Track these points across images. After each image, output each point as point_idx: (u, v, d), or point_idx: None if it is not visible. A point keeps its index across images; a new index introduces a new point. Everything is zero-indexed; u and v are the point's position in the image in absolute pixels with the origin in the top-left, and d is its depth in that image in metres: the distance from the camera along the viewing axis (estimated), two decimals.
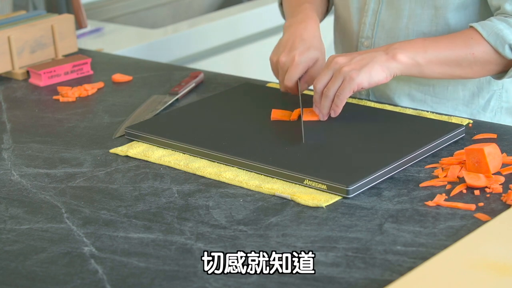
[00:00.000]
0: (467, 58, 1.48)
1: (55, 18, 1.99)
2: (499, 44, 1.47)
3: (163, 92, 1.76)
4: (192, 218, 1.24)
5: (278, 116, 1.53)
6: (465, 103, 1.65)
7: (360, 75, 1.43)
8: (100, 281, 1.10)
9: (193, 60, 2.44)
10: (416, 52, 1.47)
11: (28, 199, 1.33)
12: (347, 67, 1.44)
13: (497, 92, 1.65)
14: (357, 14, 1.67)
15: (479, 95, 1.65)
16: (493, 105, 1.66)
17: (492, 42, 1.47)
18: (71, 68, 1.89)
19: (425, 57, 1.47)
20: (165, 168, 1.41)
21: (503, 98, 1.66)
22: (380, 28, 1.64)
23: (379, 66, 1.44)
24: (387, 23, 1.63)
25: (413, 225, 1.19)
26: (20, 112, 1.71)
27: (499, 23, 1.48)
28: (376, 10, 1.63)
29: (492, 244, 1.11)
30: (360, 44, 1.67)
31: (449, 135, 1.44)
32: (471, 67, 1.49)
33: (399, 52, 1.46)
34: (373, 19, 1.64)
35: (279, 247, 1.15)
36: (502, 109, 1.66)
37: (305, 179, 1.31)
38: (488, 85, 1.64)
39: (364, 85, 1.44)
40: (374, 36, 1.65)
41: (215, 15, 2.61)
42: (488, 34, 1.47)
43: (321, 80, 1.47)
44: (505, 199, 1.24)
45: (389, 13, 1.62)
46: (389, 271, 1.09)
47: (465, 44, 1.48)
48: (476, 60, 1.48)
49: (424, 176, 1.34)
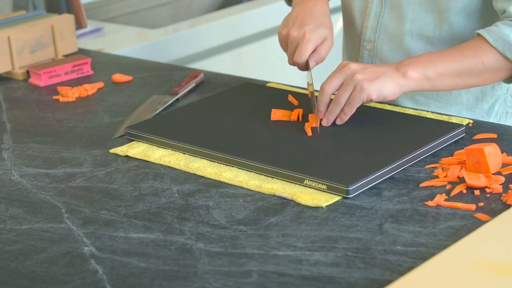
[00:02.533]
0: (477, 68, 1.47)
1: (55, 18, 1.99)
2: (507, 49, 1.46)
3: (163, 92, 1.76)
4: (192, 218, 1.24)
5: (278, 116, 1.53)
6: (469, 108, 1.64)
7: (371, 86, 1.42)
8: (100, 281, 1.10)
9: (193, 60, 2.44)
10: (426, 66, 1.45)
11: (28, 199, 1.33)
12: (360, 75, 1.42)
13: (501, 97, 1.65)
14: (360, 17, 1.66)
15: (483, 99, 1.64)
16: (497, 110, 1.65)
17: (500, 48, 1.46)
18: (71, 68, 1.89)
19: (435, 70, 1.45)
20: (165, 168, 1.41)
21: (508, 103, 1.65)
22: (383, 32, 1.63)
23: (391, 82, 1.43)
24: (390, 26, 1.62)
25: (413, 225, 1.19)
26: (20, 112, 1.71)
27: (505, 28, 1.47)
28: (379, 14, 1.62)
29: (492, 244, 1.11)
30: (363, 48, 1.67)
31: (449, 135, 1.44)
32: (482, 75, 1.48)
33: (410, 68, 1.44)
34: (376, 23, 1.63)
35: (279, 247, 1.15)
36: (508, 114, 1.66)
37: (305, 179, 1.31)
38: (492, 90, 1.64)
39: (373, 97, 1.42)
40: (377, 40, 1.64)
41: (215, 15, 2.61)
42: (495, 41, 1.46)
43: (331, 83, 1.45)
44: (505, 199, 1.24)
45: (391, 17, 1.61)
46: (389, 271, 1.09)
47: (474, 54, 1.47)
48: (487, 69, 1.47)
49: (424, 176, 1.34)
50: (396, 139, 1.42)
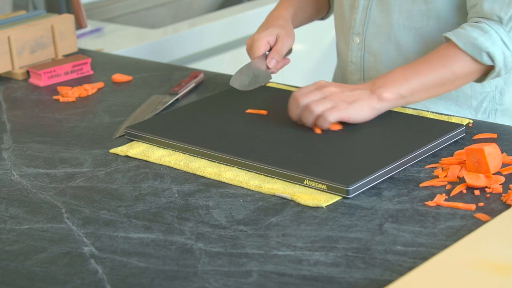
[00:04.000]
0: (448, 78, 1.49)
1: (55, 18, 1.99)
2: (476, 53, 1.48)
3: (163, 92, 1.76)
4: (192, 218, 1.24)
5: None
6: (458, 104, 1.65)
7: (349, 109, 1.44)
8: (100, 281, 1.10)
9: (193, 60, 2.44)
10: (400, 85, 1.47)
11: (28, 199, 1.33)
12: (339, 96, 1.45)
13: (490, 94, 1.65)
14: (349, 10, 1.67)
15: (471, 96, 1.65)
16: (486, 107, 1.65)
17: (470, 52, 1.48)
18: (71, 68, 1.89)
19: (408, 88, 1.48)
20: (165, 168, 1.41)
21: (497, 100, 1.66)
22: (371, 25, 1.64)
23: (367, 106, 1.46)
24: (378, 19, 1.63)
25: (413, 225, 1.19)
26: (20, 112, 1.71)
27: (472, 30, 1.49)
28: (367, 6, 1.64)
29: (492, 244, 1.11)
30: (352, 41, 1.68)
31: (449, 135, 1.44)
32: (453, 83, 1.51)
33: (384, 91, 1.47)
34: (364, 16, 1.65)
35: (279, 247, 1.15)
36: (497, 112, 1.66)
37: (305, 179, 1.31)
38: (481, 87, 1.64)
39: (348, 118, 1.45)
40: (365, 33, 1.65)
41: (215, 15, 2.61)
42: (464, 44, 1.48)
43: (307, 97, 1.46)
44: (505, 199, 1.24)
45: (379, 9, 1.63)
46: (389, 271, 1.09)
47: (443, 64, 1.49)
48: (458, 77, 1.50)
49: (424, 176, 1.34)
50: (396, 139, 1.43)
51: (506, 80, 1.65)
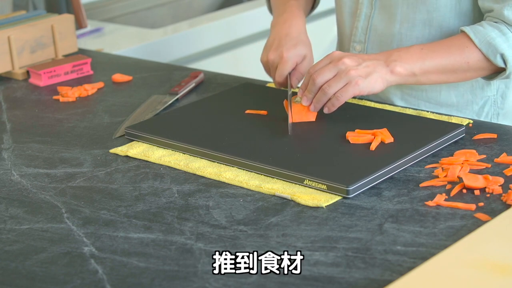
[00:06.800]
0: (462, 67, 1.50)
1: (55, 18, 1.99)
2: (491, 53, 1.48)
3: (163, 92, 1.76)
4: (192, 218, 1.24)
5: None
6: (459, 109, 1.65)
7: (364, 82, 1.44)
8: (100, 281, 1.10)
9: (193, 60, 2.44)
10: (414, 63, 1.48)
11: (28, 199, 1.33)
12: (354, 71, 1.44)
13: (491, 98, 1.65)
14: (349, 18, 1.67)
15: (472, 101, 1.64)
16: (488, 111, 1.65)
17: (484, 51, 1.48)
18: (71, 68, 1.89)
19: (422, 68, 1.48)
20: (165, 168, 1.41)
21: (499, 104, 1.65)
22: (373, 33, 1.64)
23: (380, 78, 1.46)
24: (380, 27, 1.63)
25: (413, 225, 1.19)
26: (20, 112, 1.71)
27: (491, 30, 1.48)
28: (369, 15, 1.63)
29: (492, 244, 1.11)
30: (352, 49, 1.67)
31: (449, 135, 1.44)
32: (465, 74, 1.51)
33: (398, 65, 1.47)
34: (366, 24, 1.64)
35: (279, 247, 1.15)
36: (499, 115, 1.66)
37: (305, 179, 1.31)
38: (482, 91, 1.64)
39: (364, 92, 1.46)
40: (367, 41, 1.65)
41: (215, 15, 2.61)
42: (480, 42, 1.48)
43: (323, 75, 1.46)
44: (505, 199, 1.24)
45: (381, 18, 1.62)
46: (389, 271, 1.09)
47: (461, 53, 1.49)
48: (470, 68, 1.50)
49: (424, 176, 1.34)
50: (396, 139, 1.42)
51: (507, 84, 1.65)
